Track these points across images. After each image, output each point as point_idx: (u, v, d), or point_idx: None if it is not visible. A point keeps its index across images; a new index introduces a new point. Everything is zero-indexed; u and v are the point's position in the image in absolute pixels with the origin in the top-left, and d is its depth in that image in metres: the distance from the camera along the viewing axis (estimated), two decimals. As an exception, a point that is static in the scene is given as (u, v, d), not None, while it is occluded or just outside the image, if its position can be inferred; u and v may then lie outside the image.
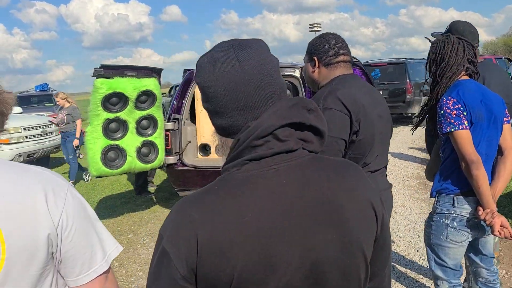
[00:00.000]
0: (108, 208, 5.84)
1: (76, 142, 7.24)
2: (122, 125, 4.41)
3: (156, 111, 4.59)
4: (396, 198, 5.19)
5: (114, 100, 4.25)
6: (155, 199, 6.14)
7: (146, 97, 4.46)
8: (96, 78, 4.10)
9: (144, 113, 4.52)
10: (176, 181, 5.03)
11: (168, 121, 4.89)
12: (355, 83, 1.85)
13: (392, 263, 3.48)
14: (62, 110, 7.34)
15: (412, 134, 2.94)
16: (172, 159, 4.89)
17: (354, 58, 3.88)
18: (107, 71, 4.13)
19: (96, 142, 4.29)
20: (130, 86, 4.25)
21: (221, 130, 0.87)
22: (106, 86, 4.09)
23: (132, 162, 4.52)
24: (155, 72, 4.51)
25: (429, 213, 2.18)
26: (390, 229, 2.34)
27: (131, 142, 4.49)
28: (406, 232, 4.29)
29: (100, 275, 0.97)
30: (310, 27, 36.03)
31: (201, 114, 5.26)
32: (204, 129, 5.27)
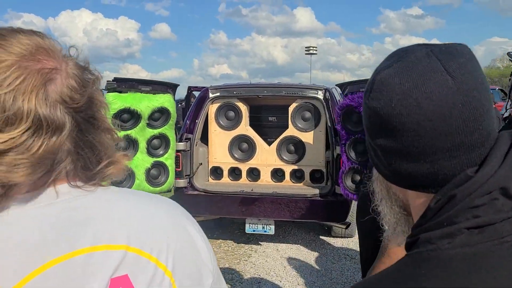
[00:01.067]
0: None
1: None
2: (132, 144, 4.03)
3: (168, 130, 4.23)
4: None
5: (126, 117, 3.88)
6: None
7: (160, 114, 4.11)
8: (108, 92, 3.74)
9: (156, 131, 4.15)
10: (185, 206, 4.64)
11: (180, 141, 4.55)
12: None
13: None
14: None
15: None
16: (182, 183, 4.53)
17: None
18: (120, 84, 3.78)
19: (102, 162, 3.90)
20: (144, 102, 3.90)
21: (405, 179, 0.58)
22: (118, 101, 3.73)
23: (140, 185, 4.12)
24: (170, 87, 4.18)
25: None
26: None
27: (140, 162, 4.10)
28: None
29: None
30: (306, 50, 36.56)
31: (214, 134, 4.93)
32: (217, 150, 4.93)
